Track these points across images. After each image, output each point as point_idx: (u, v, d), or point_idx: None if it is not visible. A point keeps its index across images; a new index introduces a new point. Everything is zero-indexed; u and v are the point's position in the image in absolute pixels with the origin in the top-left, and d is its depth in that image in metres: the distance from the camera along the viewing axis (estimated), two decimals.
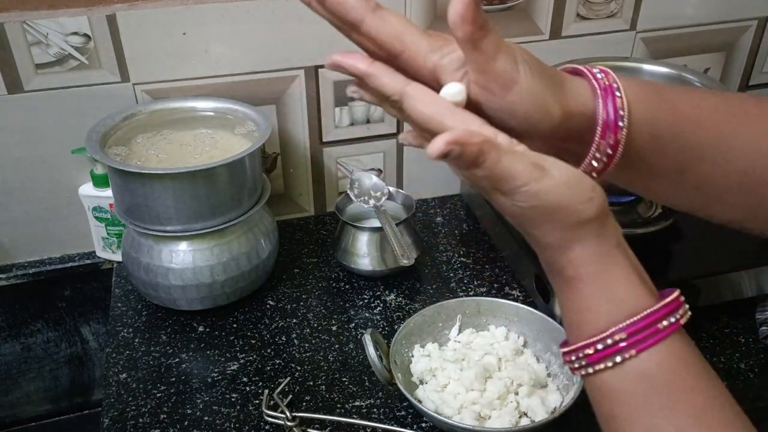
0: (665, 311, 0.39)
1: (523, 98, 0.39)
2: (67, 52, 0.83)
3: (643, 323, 0.38)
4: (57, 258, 0.97)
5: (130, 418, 0.72)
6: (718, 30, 1.10)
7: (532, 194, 0.38)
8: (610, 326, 0.38)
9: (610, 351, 0.38)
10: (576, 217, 0.39)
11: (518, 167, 0.37)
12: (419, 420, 0.71)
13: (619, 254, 0.40)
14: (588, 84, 0.43)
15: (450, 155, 0.35)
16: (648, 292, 0.40)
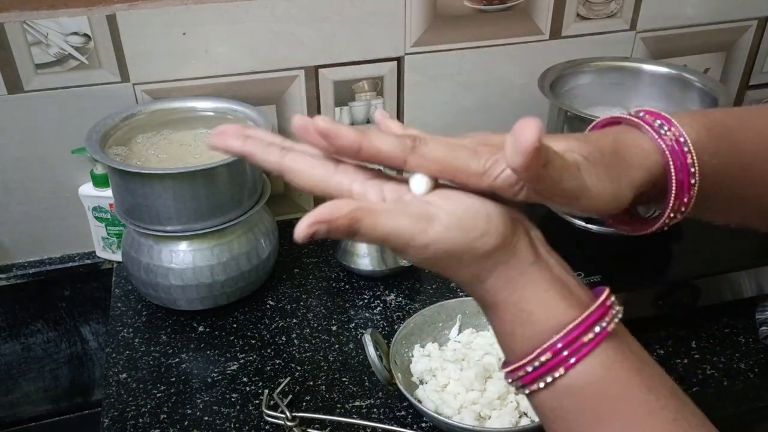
0: (589, 322, 0.37)
1: (594, 201, 0.38)
2: (67, 52, 0.83)
3: (566, 340, 0.37)
4: (57, 258, 0.97)
5: (130, 418, 0.72)
6: (718, 30, 1.10)
7: (422, 246, 0.37)
8: (535, 348, 0.37)
9: (539, 372, 0.38)
10: (475, 253, 0.37)
11: (400, 224, 0.36)
12: (419, 420, 0.71)
13: (534, 273, 0.38)
14: (651, 141, 0.41)
15: (317, 235, 0.35)
16: (571, 304, 0.38)
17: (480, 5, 0.96)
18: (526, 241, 0.39)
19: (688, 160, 0.40)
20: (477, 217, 0.37)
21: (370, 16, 0.92)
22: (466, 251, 0.37)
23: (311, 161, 0.39)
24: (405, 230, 0.36)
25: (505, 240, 0.38)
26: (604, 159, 0.39)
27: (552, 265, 0.40)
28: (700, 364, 0.77)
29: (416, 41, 0.96)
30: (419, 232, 0.36)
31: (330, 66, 0.94)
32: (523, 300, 0.38)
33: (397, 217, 0.36)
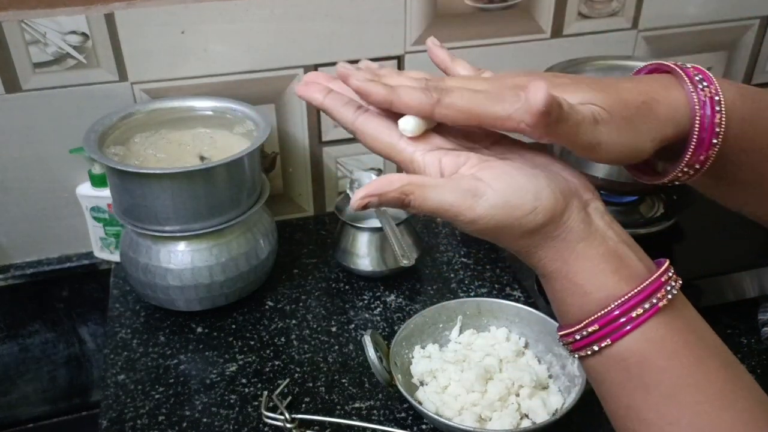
0: (639, 298, 0.38)
1: (608, 153, 0.40)
2: (65, 51, 0.83)
3: (613, 314, 0.38)
4: (55, 258, 0.97)
5: (128, 420, 0.71)
6: (721, 29, 1.09)
7: (469, 221, 0.39)
8: (584, 318, 0.39)
9: (587, 341, 0.40)
10: (522, 230, 0.39)
11: (448, 199, 0.38)
12: (419, 422, 0.71)
13: (585, 248, 0.40)
14: (686, 95, 0.41)
15: (370, 206, 0.39)
16: (623, 278, 0.39)
17: (481, 3, 0.95)
18: (579, 216, 0.40)
19: (716, 119, 0.40)
20: (525, 195, 0.39)
21: (369, 15, 0.91)
22: (514, 227, 0.39)
23: (380, 126, 0.41)
24: (452, 205, 0.38)
25: (553, 217, 0.39)
26: (627, 111, 0.39)
27: (608, 237, 0.40)
28: None
29: (416, 40, 0.95)
30: (466, 208, 0.38)
31: (330, 65, 0.94)
32: (573, 272, 0.40)
33: (445, 193, 0.38)
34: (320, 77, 0.45)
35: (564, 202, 0.40)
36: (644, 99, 0.40)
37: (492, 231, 0.40)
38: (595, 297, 0.39)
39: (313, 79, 0.45)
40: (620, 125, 0.39)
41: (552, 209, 0.39)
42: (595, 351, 0.39)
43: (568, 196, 0.40)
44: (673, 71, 0.42)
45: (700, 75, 0.41)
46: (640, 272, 0.40)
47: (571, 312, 0.40)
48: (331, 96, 0.43)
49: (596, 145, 0.39)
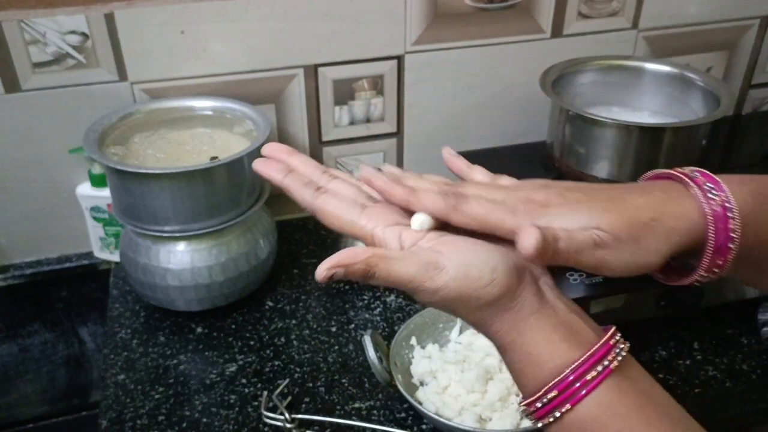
0: (591, 362, 0.40)
1: (617, 272, 0.42)
2: (64, 50, 0.83)
3: (569, 379, 0.39)
4: (54, 258, 0.97)
5: (127, 420, 0.71)
6: (721, 28, 1.09)
7: (431, 292, 0.40)
8: (542, 386, 0.40)
9: (548, 408, 0.40)
10: (479, 302, 0.41)
11: (410, 271, 0.40)
12: (419, 422, 0.71)
13: (538, 319, 0.41)
14: (697, 206, 0.42)
15: (335, 277, 0.40)
16: (574, 345, 0.40)
17: (481, 3, 0.95)
18: (532, 289, 0.42)
19: (730, 225, 0.41)
20: (483, 269, 0.41)
21: (370, 14, 0.91)
22: (471, 299, 0.41)
23: (339, 205, 0.44)
24: (414, 277, 0.40)
25: (509, 290, 0.41)
26: (633, 231, 0.41)
27: (558, 309, 0.42)
28: (703, 366, 0.77)
29: (417, 39, 0.95)
30: (428, 279, 0.40)
31: (329, 64, 0.94)
32: (527, 343, 0.41)
33: (408, 265, 0.40)
34: (280, 151, 0.47)
35: (518, 276, 0.41)
36: (653, 215, 0.42)
37: (451, 302, 0.41)
38: (549, 365, 0.40)
39: (272, 153, 0.47)
40: (626, 247, 0.41)
41: (508, 283, 0.41)
42: (557, 417, 0.40)
43: (522, 270, 0.42)
44: (682, 181, 0.43)
45: (710, 183, 0.42)
46: (590, 338, 0.41)
47: (530, 382, 0.41)
48: (291, 176, 0.46)
49: (600, 265, 0.41)
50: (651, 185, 0.46)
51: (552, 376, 0.40)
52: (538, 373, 0.41)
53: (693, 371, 0.76)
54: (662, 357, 0.78)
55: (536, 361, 0.41)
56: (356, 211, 0.44)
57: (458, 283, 0.40)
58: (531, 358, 0.41)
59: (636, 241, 0.41)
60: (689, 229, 0.42)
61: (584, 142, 0.82)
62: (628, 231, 0.41)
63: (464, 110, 1.03)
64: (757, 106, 1.22)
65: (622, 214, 0.42)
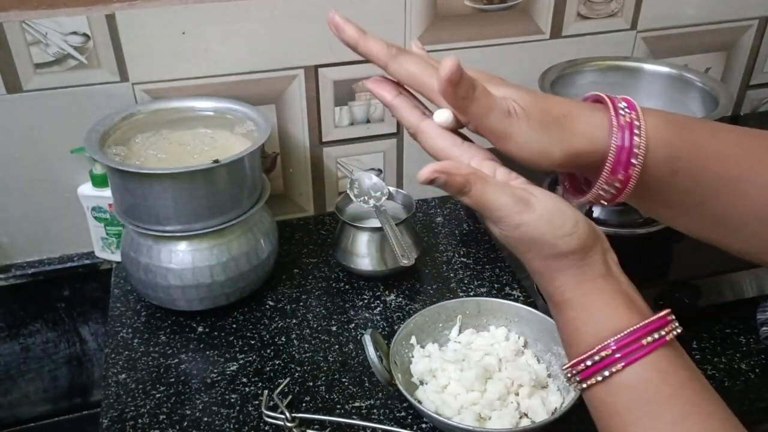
0: (649, 329, 0.42)
1: (519, 148, 0.43)
2: (66, 51, 0.83)
3: (627, 339, 0.41)
4: (56, 258, 0.97)
5: (129, 419, 0.72)
6: (719, 29, 1.09)
7: (514, 225, 0.42)
8: (597, 344, 0.42)
9: (599, 366, 0.42)
10: (554, 249, 0.43)
11: (502, 200, 0.42)
12: (419, 421, 0.71)
13: (603, 283, 0.44)
14: (607, 118, 0.44)
15: (436, 182, 0.42)
16: (632, 313, 0.43)
17: (480, 4, 0.96)
18: (601, 256, 0.44)
19: (634, 140, 0.43)
20: (567, 218, 0.43)
21: (370, 16, 0.92)
22: (547, 245, 0.43)
23: (441, 131, 0.46)
24: (505, 206, 0.42)
25: (584, 246, 0.43)
26: (544, 117, 0.43)
27: (622, 281, 0.45)
28: (701, 365, 0.77)
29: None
30: (516, 212, 0.42)
31: (330, 65, 0.94)
32: (590, 302, 0.43)
33: (502, 193, 0.42)
34: (389, 80, 0.49)
35: (594, 238, 0.44)
36: (565, 113, 0.44)
37: (527, 242, 0.43)
38: (609, 326, 0.42)
39: (382, 79, 0.49)
40: (533, 126, 0.43)
41: (585, 239, 0.43)
42: (605, 376, 0.42)
43: (597, 236, 0.44)
44: (602, 100, 0.46)
45: (625, 104, 0.45)
46: (648, 311, 0.44)
47: (583, 340, 0.43)
48: (401, 98, 0.47)
49: (506, 135, 0.43)
50: (577, 100, 0.48)
51: (609, 335, 0.42)
52: (595, 332, 0.42)
53: None
54: None
55: (595, 320, 0.43)
56: (457, 141, 0.45)
57: (542, 224, 0.42)
58: (590, 317, 0.43)
59: (544, 127, 0.43)
60: (593, 136, 0.44)
61: None
62: (539, 114, 0.43)
63: None
64: (755, 107, 1.22)
65: (539, 100, 0.44)
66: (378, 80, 0.49)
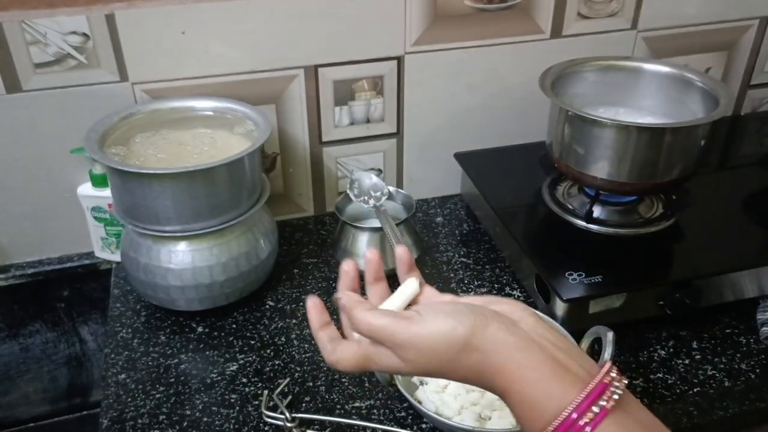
0: (587, 403, 0.40)
1: None
2: (65, 51, 0.83)
3: (566, 424, 0.40)
4: (55, 258, 0.97)
5: (128, 419, 0.72)
6: (720, 29, 1.09)
7: (406, 344, 0.45)
8: (544, 427, 0.41)
9: None
10: (455, 347, 0.44)
11: (384, 320, 0.46)
12: (419, 421, 0.71)
13: (524, 357, 0.43)
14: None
15: None
16: (566, 385, 0.41)
17: (480, 4, 0.96)
18: (504, 327, 0.44)
19: None
20: (447, 316, 0.45)
21: (370, 15, 0.92)
22: (445, 345, 0.44)
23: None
24: (388, 324, 0.45)
25: (474, 328, 0.44)
26: None
27: (543, 347, 0.44)
28: (702, 365, 0.77)
29: (416, 40, 0.95)
30: (403, 328, 0.45)
31: (330, 65, 0.94)
32: (520, 385, 0.42)
33: (383, 315, 0.46)
34: None
35: (484, 317, 0.44)
36: None
37: (432, 357, 0.44)
38: (547, 406, 0.41)
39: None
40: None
41: (471, 323, 0.44)
42: None
43: (489, 314, 0.45)
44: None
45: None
46: (582, 376, 0.42)
47: (533, 425, 0.42)
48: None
49: None
50: None
51: (552, 417, 0.40)
52: (538, 416, 0.41)
53: (692, 370, 0.76)
54: (661, 356, 0.78)
55: (533, 403, 0.42)
56: None
57: (430, 328, 0.44)
58: (528, 401, 0.42)
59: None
60: None
61: (583, 142, 0.82)
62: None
63: (464, 111, 1.04)
64: (755, 107, 1.22)
65: None
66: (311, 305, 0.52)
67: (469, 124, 1.05)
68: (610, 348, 0.67)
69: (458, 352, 0.43)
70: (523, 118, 1.06)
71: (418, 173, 1.07)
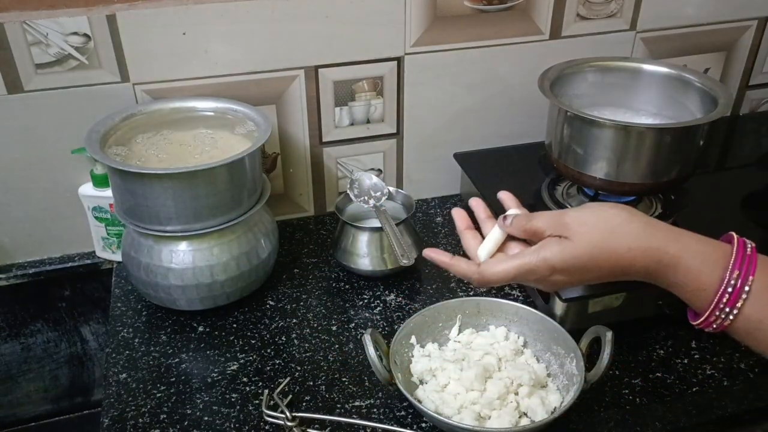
0: (740, 243, 0.53)
1: None
2: (66, 52, 0.83)
3: (738, 259, 0.50)
4: (57, 258, 0.97)
5: (129, 419, 0.72)
6: (719, 30, 1.10)
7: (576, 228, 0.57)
8: (723, 274, 0.50)
9: (738, 288, 0.50)
10: (618, 217, 0.57)
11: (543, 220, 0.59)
12: (419, 420, 0.71)
13: (668, 227, 0.55)
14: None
15: None
16: (710, 239, 0.54)
17: (480, 5, 0.96)
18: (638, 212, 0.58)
19: None
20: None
21: (370, 16, 0.92)
22: (611, 211, 0.58)
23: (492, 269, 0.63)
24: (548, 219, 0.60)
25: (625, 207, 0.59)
26: None
27: None
28: (700, 364, 0.77)
29: (416, 41, 0.96)
30: (558, 213, 0.59)
31: (330, 66, 0.94)
32: (686, 248, 0.54)
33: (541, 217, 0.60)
34: None
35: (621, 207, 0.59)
36: None
37: (603, 230, 0.56)
38: (716, 257, 0.52)
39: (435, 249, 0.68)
40: None
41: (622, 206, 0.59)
42: (747, 293, 0.50)
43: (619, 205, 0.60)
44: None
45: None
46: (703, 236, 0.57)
47: (709, 279, 0.51)
48: (456, 258, 0.67)
49: None
50: None
51: (725, 262, 0.51)
52: (711, 270, 0.52)
53: (691, 370, 0.76)
54: (660, 356, 0.78)
55: (703, 259, 0.52)
56: None
57: (588, 211, 0.58)
58: (697, 260, 0.52)
59: None
60: None
61: (582, 142, 0.83)
62: None
63: (463, 111, 1.04)
64: (754, 107, 1.22)
65: None
66: (433, 249, 0.66)
67: (469, 124, 1.05)
68: (609, 347, 0.68)
69: (624, 217, 0.53)
70: (522, 119, 1.06)
71: (417, 173, 1.08)
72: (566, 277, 0.56)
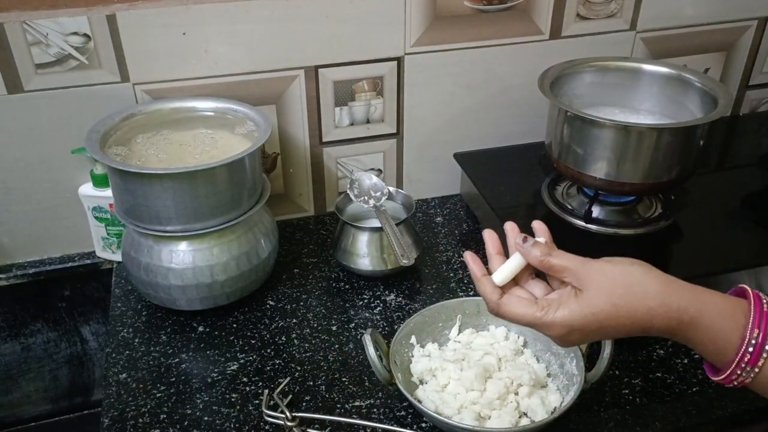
0: (757, 298, 0.51)
1: None
2: (66, 52, 0.83)
3: (757, 316, 0.50)
4: (57, 258, 0.97)
5: (129, 419, 0.72)
6: (718, 30, 1.10)
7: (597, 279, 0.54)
8: (744, 332, 0.50)
9: (759, 346, 0.50)
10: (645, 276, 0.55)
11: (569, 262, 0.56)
12: (419, 420, 0.71)
13: (688, 286, 0.54)
14: None
15: None
16: (729, 296, 0.53)
17: (480, 5, 0.96)
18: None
19: None
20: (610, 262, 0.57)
21: (370, 16, 0.92)
22: (628, 269, 0.56)
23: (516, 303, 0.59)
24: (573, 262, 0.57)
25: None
26: None
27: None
28: (700, 364, 0.77)
29: (416, 41, 0.96)
30: (583, 262, 0.56)
31: (330, 66, 0.94)
32: (706, 306, 0.52)
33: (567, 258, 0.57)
34: None
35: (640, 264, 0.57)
36: None
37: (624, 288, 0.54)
38: (738, 314, 0.51)
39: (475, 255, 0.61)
40: None
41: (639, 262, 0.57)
42: (761, 367, 0.49)
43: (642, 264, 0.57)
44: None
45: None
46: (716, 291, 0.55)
47: (729, 336, 0.51)
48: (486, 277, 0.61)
49: None
50: None
51: (744, 319, 0.50)
52: (732, 326, 0.51)
53: (691, 370, 0.76)
54: (660, 356, 0.78)
55: (724, 316, 0.51)
56: None
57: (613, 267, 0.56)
58: (718, 317, 0.51)
59: None
60: None
61: (582, 142, 0.83)
62: None
63: (463, 111, 1.04)
64: (754, 107, 1.22)
65: None
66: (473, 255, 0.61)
67: (469, 125, 1.05)
68: (609, 347, 0.68)
69: (643, 274, 0.53)
70: (522, 119, 1.06)
71: (417, 173, 1.08)
72: (582, 336, 0.55)
